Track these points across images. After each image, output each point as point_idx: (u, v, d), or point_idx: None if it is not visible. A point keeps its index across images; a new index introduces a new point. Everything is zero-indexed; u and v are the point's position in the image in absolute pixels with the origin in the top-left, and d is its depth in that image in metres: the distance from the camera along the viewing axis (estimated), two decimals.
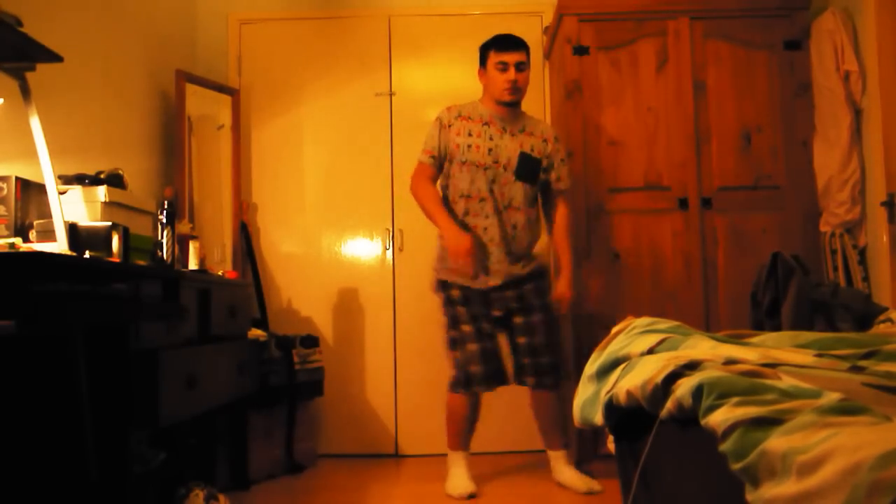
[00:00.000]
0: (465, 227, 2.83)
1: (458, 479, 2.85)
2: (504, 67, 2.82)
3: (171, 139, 3.39)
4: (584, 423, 1.66)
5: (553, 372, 2.86)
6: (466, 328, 2.83)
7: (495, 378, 2.84)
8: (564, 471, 2.88)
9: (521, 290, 2.87)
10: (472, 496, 2.78)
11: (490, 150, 2.83)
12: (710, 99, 3.16)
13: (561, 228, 2.98)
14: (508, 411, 3.52)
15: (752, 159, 3.15)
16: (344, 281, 3.73)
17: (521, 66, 2.84)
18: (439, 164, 2.90)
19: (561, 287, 2.91)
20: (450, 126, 2.89)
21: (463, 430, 2.91)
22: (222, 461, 2.93)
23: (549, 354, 2.85)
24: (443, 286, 2.91)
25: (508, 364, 2.90)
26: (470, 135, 2.86)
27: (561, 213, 2.98)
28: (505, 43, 2.85)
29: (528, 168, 2.86)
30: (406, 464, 3.47)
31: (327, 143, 3.79)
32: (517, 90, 2.84)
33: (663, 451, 1.34)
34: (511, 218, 2.85)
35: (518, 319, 2.86)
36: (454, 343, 2.86)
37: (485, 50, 2.91)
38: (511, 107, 2.89)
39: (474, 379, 2.81)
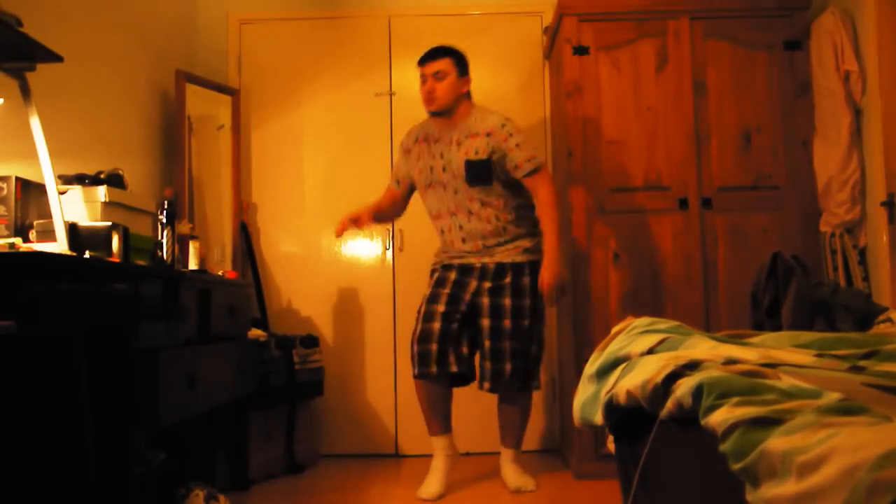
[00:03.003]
0: (450, 242, 2.93)
1: (429, 477, 2.85)
2: (423, 80, 2.89)
3: (171, 139, 3.39)
4: (584, 423, 1.66)
5: (512, 379, 2.82)
6: (422, 308, 2.86)
7: (432, 361, 2.77)
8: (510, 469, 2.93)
9: (501, 282, 2.83)
10: (435, 498, 2.78)
11: (444, 167, 2.89)
12: (710, 99, 3.16)
13: (542, 211, 2.86)
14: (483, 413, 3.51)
15: (752, 159, 3.15)
16: (344, 281, 3.73)
17: (439, 75, 2.86)
18: (407, 188, 3.07)
19: (542, 273, 2.81)
20: (409, 151, 3.01)
21: (429, 416, 2.90)
22: (222, 461, 2.93)
23: (512, 361, 2.81)
24: (431, 273, 2.98)
25: (453, 353, 2.84)
26: (430, 157, 2.94)
27: (541, 196, 2.86)
28: (423, 57, 2.92)
29: (477, 172, 2.83)
30: (406, 464, 3.47)
31: (327, 143, 3.80)
32: (433, 100, 2.87)
33: (663, 451, 1.34)
34: (485, 215, 2.86)
35: (485, 322, 2.82)
36: (416, 320, 2.91)
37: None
38: (441, 116, 2.92)
39: (413, 359, 2.82)
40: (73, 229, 2.09)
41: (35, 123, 2.11)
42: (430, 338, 2.78)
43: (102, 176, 2.38)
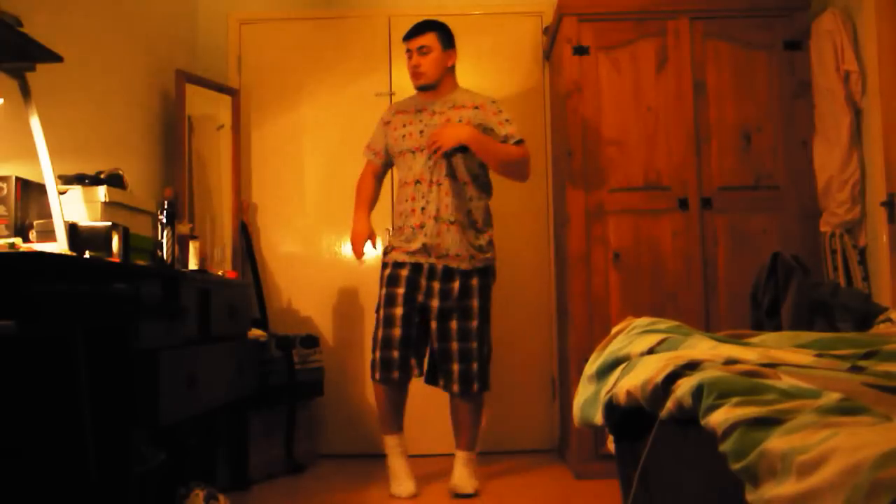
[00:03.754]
0: (409, 212, 2.88)
1: (398, 477, 2.85)
2: (409, 55, 2.94)
3: (171, 139, 3.39)
4: (584, 423, 1.66)
5: (463, 380, 2.82)
6: (381, 312, 2.84)
7: (395, 366, 2.79)
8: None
9: (450, 285, 2.83)
10: (415, 496, 2.81)
11: (421, 131, 2.90)
12: (710, 99, 3.16)
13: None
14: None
15: (752, 159, 3.15)
16: (344, 281, 3.73)
17: (423, 50, 2.90)
18: (383, 160, 3.06)
19: (450, 126, 2.77)
20: (388, 123, 3.03)
21: (384, 416, 2.91)
22: (222, 461, 2.93)
23: (463, 361, 2.81)
24: (382, 267, 2.96)
25: (414, 357, 2.86)
26: (405, 125, 2.96)
27: (515, 151, 2.83)
28: (407, 33, 2.96)
29: None
30: None
31: (327, 143, 3.79)
32: (420, 74, 2.91)
33: (663, 451, 1.34)
34: (453, 190, 2.84)
35: (434, 324, 2.84)
36: (376, 324, 2.88)
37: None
38: (427, 90, 2.95)
39: (375, 365, 2.82)
40: (73, 229, 2.09)
41: (35, 123, 2.11)
42: (392, 343, 2.80)
43: (102, 176, 2.38)
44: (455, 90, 2.97)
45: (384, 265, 2.95)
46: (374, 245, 3.01)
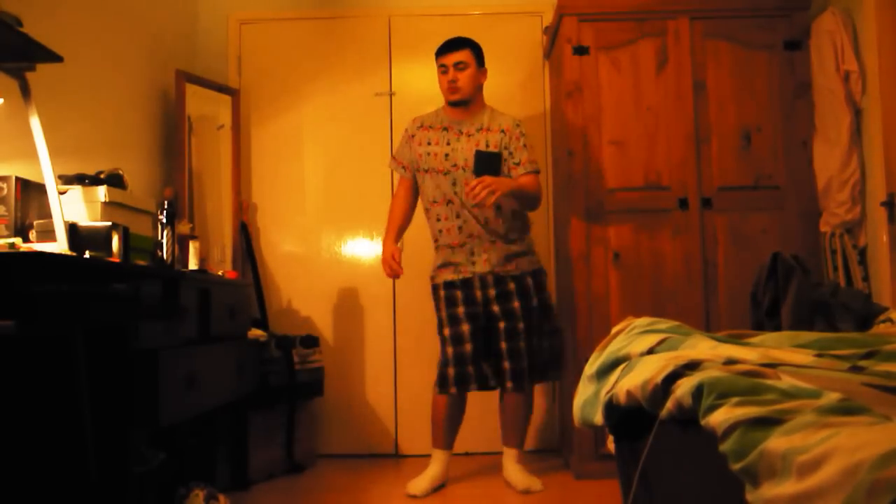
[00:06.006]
0: (446, 231, 2.96)
1: (423, 479, 2.90)
2: (444, 70, 2.94)
3: (171, 139, 3.39)
4: (584, 422, 1.66)
5: (531, 374, 2.94)
6: (447, 331, 2.91)
7: (472, 380, 2.88)
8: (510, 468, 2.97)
9: (506, 288, 2.91)
10: (418, 497, 2.84)
11: (447, 154, 2.93)
12: (710, 99, 3.16)
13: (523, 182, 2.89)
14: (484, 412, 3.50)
15: (752, 159, 3.15)
16: (344, 281, 3.73)
17: (460, 66, 2.92)
18: (412, 173, 3.06)
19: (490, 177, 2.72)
20: (413, 136, 3.04)
21: (441, 430, 2.97)
22: (222, 461, 2.93)
23: (527, 359, 2.91)
24: (433, 289, 3.01)
25: (487, 368, 2.93)
26: (429, 143, 2.98)
27: (531, 186, 2.91)
28: (443, 47, 2.97)
29: (487, 163, 2.89)
30: (406, 464, 3.47)
31: (327, 143, 3.79)
32: (456, 89, 2.92)
33: (663, 451, 1.34)
34: (482, 213, 2.90)
35: (501, 324, 2.89)
36: (442, 343, 2.95)
37: (435, 59, 3.00)
38: (460, 106, 2.97)
39: (449, 380, 2.88)
40: (73, 229, 2.09)
41: (35, 123, 2.11)
42: (466, 360, 2.87)
43: (102, 176, 2.38)
44: (483, 110, 3.01)
45: (435, 287, 3.00)
46: (397, 259, 2.97)
